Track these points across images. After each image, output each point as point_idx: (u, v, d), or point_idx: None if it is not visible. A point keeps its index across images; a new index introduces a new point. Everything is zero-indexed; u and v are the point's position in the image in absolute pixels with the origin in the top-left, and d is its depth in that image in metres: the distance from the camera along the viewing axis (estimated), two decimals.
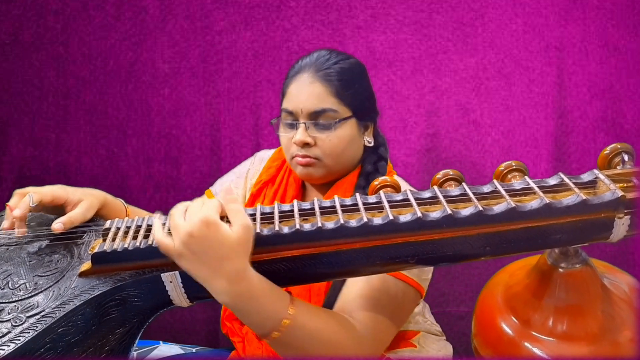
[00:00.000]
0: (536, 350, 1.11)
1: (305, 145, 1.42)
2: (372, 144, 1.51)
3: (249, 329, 1.46)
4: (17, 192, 1.18)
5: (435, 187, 1.06)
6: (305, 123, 1.42)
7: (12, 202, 1.16)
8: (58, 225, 1.13)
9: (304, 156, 1.42)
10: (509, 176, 1.07)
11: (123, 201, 1.39)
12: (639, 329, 1.08)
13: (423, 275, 1.34)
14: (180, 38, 2.16)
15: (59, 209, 1.20)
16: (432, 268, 1.37)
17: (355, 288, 1.23)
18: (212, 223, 0.94)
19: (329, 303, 1.32)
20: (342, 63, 1.46)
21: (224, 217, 0.99)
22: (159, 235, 0.99)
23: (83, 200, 1.20)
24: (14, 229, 1.15)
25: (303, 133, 1.42)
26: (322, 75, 1.43)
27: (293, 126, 1.44)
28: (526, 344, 1.12)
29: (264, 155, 1.67)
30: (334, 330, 1.12)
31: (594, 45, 2.03)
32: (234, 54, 2.16)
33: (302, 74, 1.45)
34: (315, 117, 1.42)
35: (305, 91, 1.43)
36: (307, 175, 1.46)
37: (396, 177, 1.52)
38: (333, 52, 1.49)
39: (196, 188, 2.18)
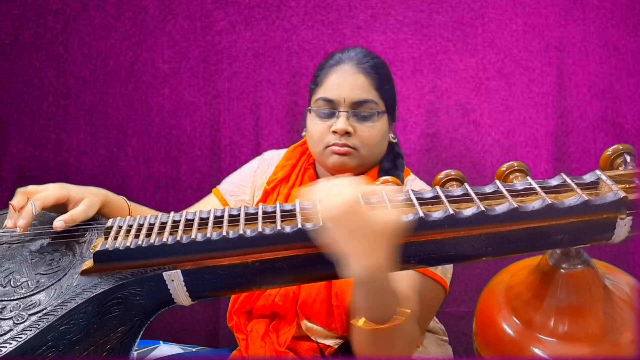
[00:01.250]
0: (537, 351, 1.11)
1: (346, 133, 1.45)
2: (395, 140, 1.57)
3: (254, 327, 1.46)
4: (20, 191, 1.19)
5: (438, 187, 1.06)
6: (347, 112, 1.45)
7: (15, 202, 1.16)
8: (59, 223, 1.13)
9: (343, 145, 1.45)
10: (511, 176, 1.08)
11: (125, 199, 1.40)
12: (639, 329, 1.08)
13: (448, 272, 1.37)
14: (180, 38, 2.16)
15: (62, 207, 1.20)
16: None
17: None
18: (359, 204, 0.95)
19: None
20: (377, 60, 1.52)
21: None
22: (320, 199, 0.99)
23: (85, 198, 1.20)
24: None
25: (345, 122, 1.45)
26: (365, 68, 1.48)
27: (331, 115, 1.47)
28: (527, 344, 1.12)
29: (273, 155, 1.68)
30: (414, 334, 1.15)
31: (594, 45, 2.03)
32: (234, 54, 2.16)
33: (342, 65, 1.49)
34: (357, 107, 1.46)
35: (349, 81, 1.46)
36: (341, 165, 1.47)
37: (412, 175, 1.58)
38: (366, 50, 1.55)
39: (196, 188, 2.18)
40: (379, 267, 0.97)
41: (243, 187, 1.62)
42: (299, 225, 1.00)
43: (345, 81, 1.47)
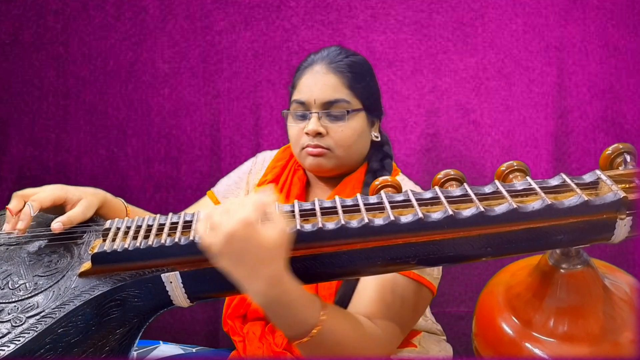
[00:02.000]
0: (537, 351, 1.10)
1: (317, 134, 1.44)
2: (379, 139, 1.54)
3: (250, 329, 1.46)
4: (16, 195, 1.18)
5: (437, 188, 1.05)
6: (318, 113, 1.45)
7: (12, 206, 1.16)
8: (57, 224, 1.13)
9: (315, 146, 1.45)
10: (511, 176, 1.07)
11: (123, 200, 1.40)
12: (639, 329, 1.08)
13: (434, 273, 1.35)
14: (180, 38, 2.16)
15: (59, 208, 1.20)
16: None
17: (369, 290, 1.25)
18: (251, 224, 0.94)
19: (341, 303, 1.32)
20: (353, 57, 1.50)
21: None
22: (201, 232, 0.98)
23: (82, 199, 1.20)
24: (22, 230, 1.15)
25: (316, 122, 1.44)
26: (336, 67, 1.46)
27: (304, 117, 1.47)
28: (527, 344, 1.12)
29: (266, 156, 1.67)
30: (360, 335, 1.14)
31: (594, 45, 2.02)
32: (234, 54, 2.16)
33: (314, 66, 1.48)
34: (328, 107, 1.45)
35: (319, 82, 1.45)
36: (317, 166, 1.47)
37: (401, 175, 1.55)
38: (343, 48, 1.52)
39: (196, 188, 2.18)
40: (269, 286, 0.97)
41: (237, 189, 1.62)
42: (298, 227, 1.00)
43: (316, 82, 1.46)
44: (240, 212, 0.95)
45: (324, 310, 1.05)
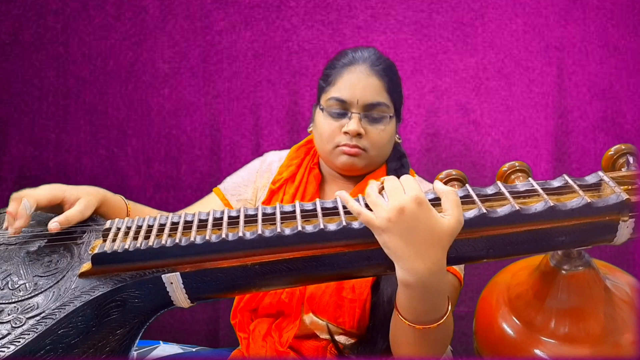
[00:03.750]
0: (538, 352, 1.11)
1: (357, 135, 1.46)
2: (400, 140, 1.59)
3: (256, 326, 1.46)
4: (14, 197, 1.18)
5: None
6: (360, 114, 1.46)
7: (10, 208, 1.16)
8: (54, 224, 1.12)
9: (353, 146, 1.46)
10: (513, 177, 1.07)
11: (124, 197, 1.39)
12: (639, 329, 1.08)
13: (462, 266, 1.38)
14: (180, 38, 2.16)
15: (58, 208, 1.20)
16: None
17: None
18: (423, 203, 0.94)
19: (383, 298, 1.34)
20: (389, 62, 1.53)
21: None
22: (358, 208, 0.98)
23: (80, 199, 1.20)
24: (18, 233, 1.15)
25: (358, 123, 1.45)
26: (379, 71, 1.48)
27: (342, 115, 1.48)
28: (528, 345, 1.12)
29: (274, 157, 1.68)
30: (450, 331, 1.13)
31: (594, 45, 2.02)
32: (234, 54, 2.15)
33: (356, 65, 1.49)
34: (369, 109, 1.47)
35: (363, 83, 1.47)
36: (350, 166, 1.49)
37: (417, 177, 1.58)
38: (378, 50, 1.55)
39: (196, 188, 2.18)
40: (429, 271, 0.97)
41: (245, 187, 1.62)
42: (299, 228, 1.00)
43: (358, 82, 1.47)
44: (411, 189, 0.95)
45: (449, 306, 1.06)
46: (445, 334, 1.08)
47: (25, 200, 1.14)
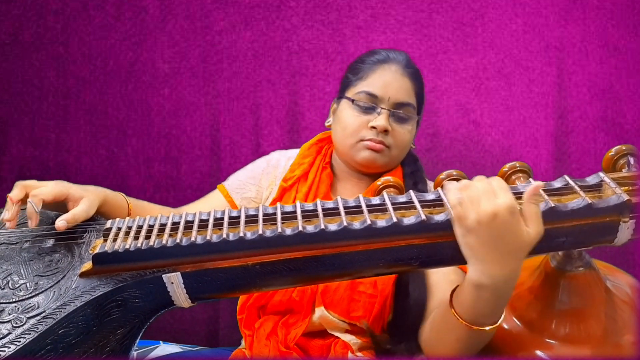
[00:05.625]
0: (538, 352, 1.11)
1: (384, 131, 1.48)
2: (414, 147, 1.62)
3: (262, 324, 1.46)
4: (19, 184, 1.18)
5: (439, 189, 1.05)
6: (389, 111, 1.49)
7: (13, 194, 1.16)
8: (62, 223, 1.12)
9: (379, 142, 1.49)
10: (513, 177, 1.07)
11: (124, 195, 1.39)
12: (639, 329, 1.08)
13: None
14: (180, 38, 2.16)
15: (60, 205, 1.19)
16: None
17: (448, 285, 1.24)
18: (516, 213, 0.94)
19: (415, 302, 1.34)
20: (417, 69, 1.57)
21: None
22: (454, 201, 0.97)
23: (85, 197, 1.20)
24: (14, 221, 1.15)
25: (386, 119, 1.48)
26: (411, 73, 1.53)
27: (371, 110, 1.50)
28: (528, 345, 1.12)
29: (280, 156, 1.68)
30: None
31: (594, 45, 2.02)
32: (234, 54, 2.15)
33: (390, 64, 1.53)
34: (399, 108, 1.50)
35: (397, 82, 1.51)
36: (372, 161, 1.51)
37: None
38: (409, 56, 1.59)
39: (196, 188, 2.17)
40: (505, 278, 0.98)
41: (249, 185, 1.63)
42: (300, 228, 1.00)
43: (392, 80, 1.50)
44: (504, 196, 0.95)
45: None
46: (488, 338, 1.09)
47: (31, 201, 1.14)
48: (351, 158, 1.53)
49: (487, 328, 1.04)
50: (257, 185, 1.62)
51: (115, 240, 1.06)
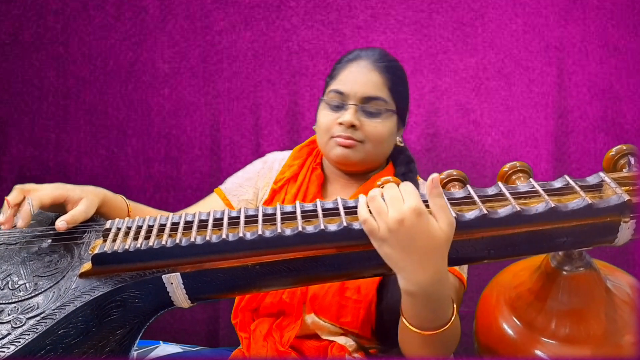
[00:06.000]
0: (538, 353, 1.10)
1: (351, 126, 1.47)
2: (402, 144, 1.60)
3: (258, 326, 1.46)
4: (17, 188, 1.18)
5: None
6: (356, 105, 1.48)
7: (11, 197, 1.16)
8: (61, 223, 1.13)
9: (347, 137, 1.47)
10: (514, 177, 1.07)
11: (124, 197, 1.39)
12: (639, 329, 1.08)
13: (464, 268, 1.41)
14: (180, 38, 2.16)
15: (59, 207, 1.20)
16: None
17: None
18: (423, 214, 0.94)
19: (393, 303, 1.33)
20: (396, 62, 1.56)
21: None
22: (365, 215, 0.97)
23: (84, 198, 1.20)
24: (9, 224, 1.15)
25: (353, 115, 1.47)
26: (381, 67, 1.51)
27: (340, 107, 1.50)
28: (528, 346, 1.12)
29: (275, 157, 1.68)
30: (456, 335, 1.14)
31: (594, 45, 2.02)
32: (234, 54, 2.15)
33: (360, 61, 1.52)
34: (366, 102, 1.49)
35: (363, 77, 1.49)
36: (344, 158, 1.49)
37: (421, 180, 1.58)
38: (387, 52, 1.58)
39: (196, 188, 2.17)
40: (430, 280, 0.98)
41: (246, 187, 1.62)
42: (300, 228, 1.00)
43: (359, 76, 1.49)
44: (410, 199, 0.95)
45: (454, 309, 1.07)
46: (451, 338, 1.09)
47: (30, 202, 1.14)
48: (328, 156, 1.54)
49: (438, 331, 1.04)
50: (253, 186, 1.62)
51: (114, 240, 1.06)
